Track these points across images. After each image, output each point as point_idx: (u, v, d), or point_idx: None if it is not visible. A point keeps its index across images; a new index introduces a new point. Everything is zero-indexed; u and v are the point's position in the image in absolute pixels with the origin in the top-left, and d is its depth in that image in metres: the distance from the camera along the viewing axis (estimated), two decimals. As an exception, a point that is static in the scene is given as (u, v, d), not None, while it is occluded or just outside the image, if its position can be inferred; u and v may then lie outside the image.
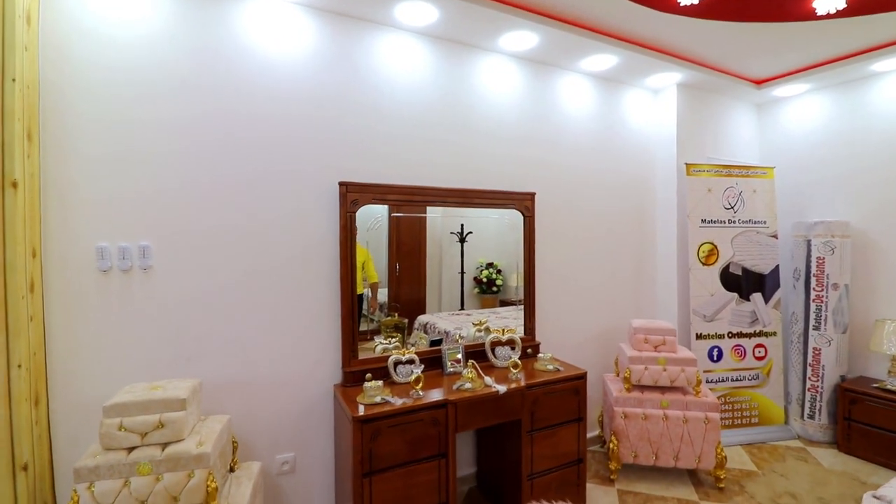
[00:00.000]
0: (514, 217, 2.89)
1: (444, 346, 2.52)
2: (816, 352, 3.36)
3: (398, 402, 2.03)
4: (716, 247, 3.48)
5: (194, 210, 2.09)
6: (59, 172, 1.86)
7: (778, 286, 3.57)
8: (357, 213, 2.34)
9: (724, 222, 3.50)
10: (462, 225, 2.86)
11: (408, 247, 2.70)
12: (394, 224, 2.59)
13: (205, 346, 2.12)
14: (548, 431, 2.40)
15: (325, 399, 2.38)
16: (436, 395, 2.15)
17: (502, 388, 2.23)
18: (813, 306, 3.38)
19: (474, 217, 2.85)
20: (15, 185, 1.69)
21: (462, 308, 2.91)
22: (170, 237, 2.04)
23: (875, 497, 1.80)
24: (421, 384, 2.15)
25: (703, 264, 3.46)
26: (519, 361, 2.48)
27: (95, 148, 1.91)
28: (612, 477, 2.82)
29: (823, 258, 3.33)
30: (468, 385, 2.23)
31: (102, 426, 1.61)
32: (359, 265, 2.40)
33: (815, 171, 3.70)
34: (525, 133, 2.99)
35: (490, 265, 2.99)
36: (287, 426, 2.30)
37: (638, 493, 2.72)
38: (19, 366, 1.69)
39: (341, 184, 2.31)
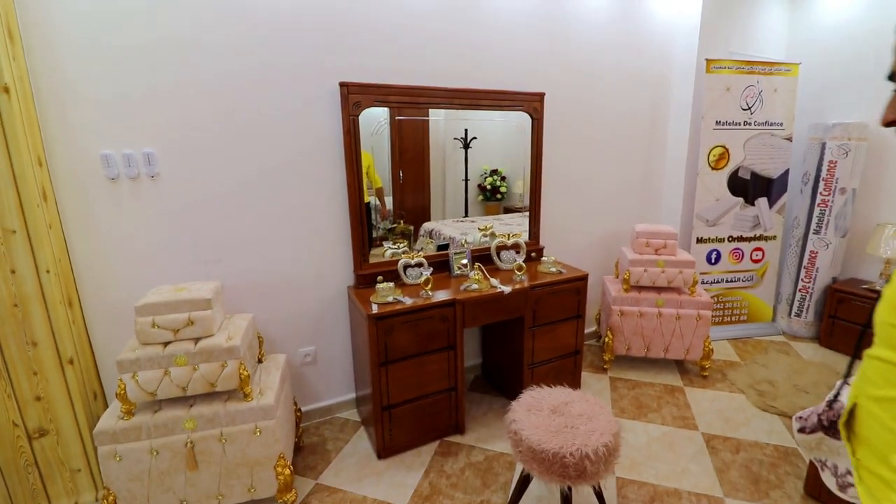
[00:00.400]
0: (521, 120, 2.79)
1: (451, 251, 2.59)
2: (813, 255, 3.44)
3: (409, 301, 2.16)
4: (727, 150, 3.40)
5: (193, 114, 2.02)
6: (50, 75, 1.78)
7: (784, 190, 3.55)
8: (360, 117, 2.27)
9: (739, 124, 3.38)
10: (466, 130, 2.78)
11: (411, 153, 2.65)
12: (396, 129, 2.52)
13: (221, 251, 2.20)
14: (548, 327, 2.57)
15: (340, 299, 2.52)
16: (444, 295, 2.27)
17: (507, 289, 2.35)
18: (817, 210, 3.39)
19: (479, 121, 2.75)
20: (7, 90, 1.63)
21: (466, 215, 2.94)
22: (172, 144, 2.01)
23: (847, 384, 1.94)
24: (430, 285, 2.27)
25: (713, 168, 3.41)
26: (523, 264, 2.58)
27: (83, 44, 1.80)
28: (605, 366, 3.08)
29: (836, 161, 3.26)
30: (475, 286, 2.34)
31: (137, 324, 1.74)
32: (363, 170, 2.38)
33: (843, 68, 3.46)
34: (535, 27, 2.75)
35: (494, 172, 2.96)
36: (306, 323, 2.46)
37: (628, 379, 2.99)
38: (48, 271, 1.77)
39: (342, 84, 2.20)
